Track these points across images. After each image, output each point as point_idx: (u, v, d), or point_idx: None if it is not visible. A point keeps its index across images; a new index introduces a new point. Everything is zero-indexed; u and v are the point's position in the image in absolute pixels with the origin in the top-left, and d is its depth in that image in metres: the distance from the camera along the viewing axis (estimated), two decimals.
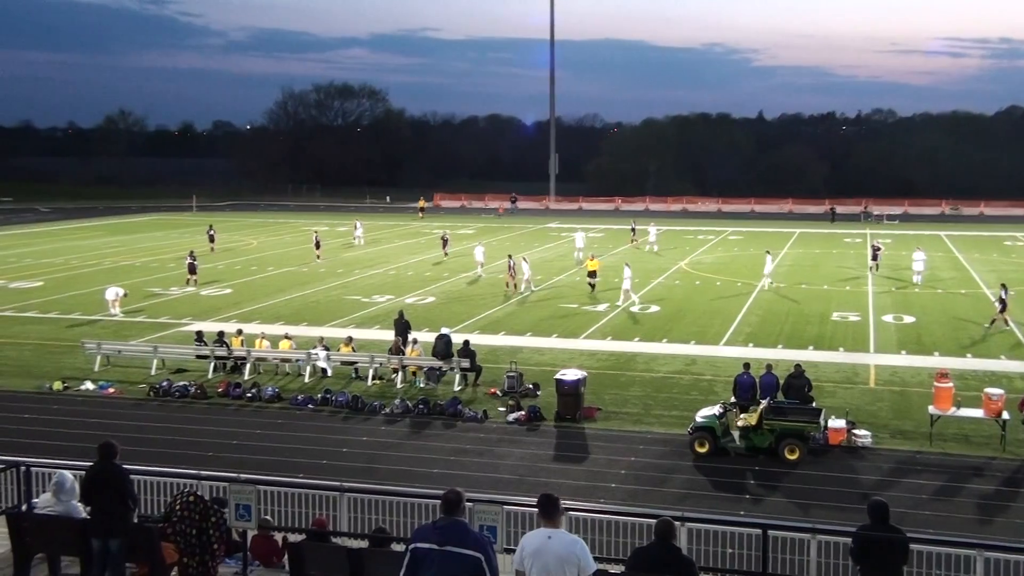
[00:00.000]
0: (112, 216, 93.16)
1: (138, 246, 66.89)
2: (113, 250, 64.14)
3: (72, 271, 54.29)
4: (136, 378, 30.92)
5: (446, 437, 24.92)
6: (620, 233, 76.89)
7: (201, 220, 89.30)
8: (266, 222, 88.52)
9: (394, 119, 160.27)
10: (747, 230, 79.96)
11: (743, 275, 52.70)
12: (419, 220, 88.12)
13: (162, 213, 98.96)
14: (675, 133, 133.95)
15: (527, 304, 43.91)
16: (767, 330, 37.97)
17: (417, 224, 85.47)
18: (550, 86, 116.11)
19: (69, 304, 44.13)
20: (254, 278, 52.34)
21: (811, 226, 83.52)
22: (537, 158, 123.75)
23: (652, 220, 76.61)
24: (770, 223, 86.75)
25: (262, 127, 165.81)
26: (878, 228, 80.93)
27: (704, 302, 44.37)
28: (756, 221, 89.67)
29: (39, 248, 66.08)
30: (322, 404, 27.70)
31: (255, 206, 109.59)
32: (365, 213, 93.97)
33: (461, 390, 29.19)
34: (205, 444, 24.29)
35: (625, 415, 26.53)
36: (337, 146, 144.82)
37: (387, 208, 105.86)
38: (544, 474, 21.97)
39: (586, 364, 31.51)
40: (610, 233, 77.65)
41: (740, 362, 27.55)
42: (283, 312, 42.08)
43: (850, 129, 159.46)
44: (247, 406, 27.86)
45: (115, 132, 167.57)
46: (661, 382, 30.11)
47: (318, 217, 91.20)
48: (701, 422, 23.36)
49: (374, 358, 30.65)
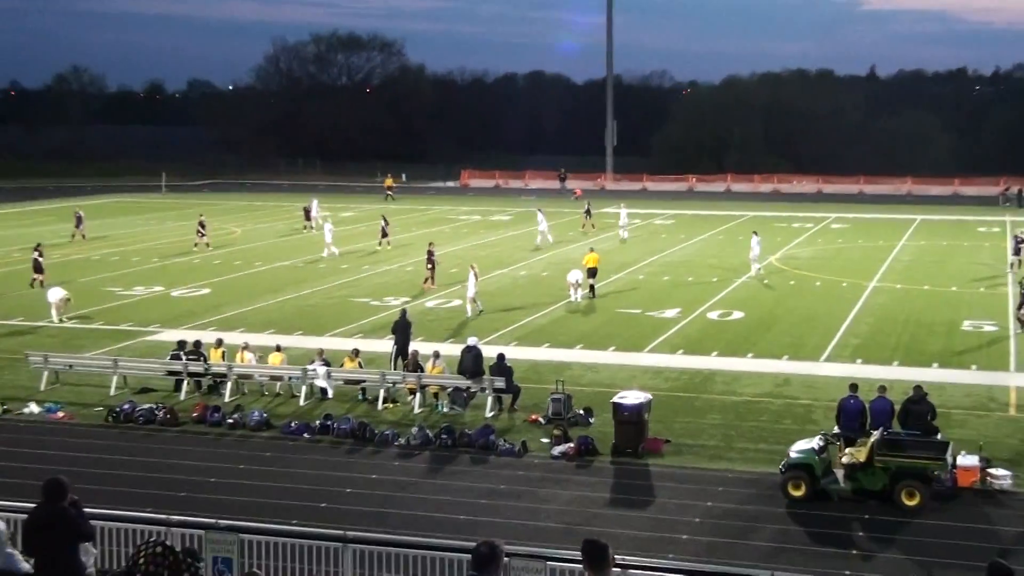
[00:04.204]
0: (63, 198, 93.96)
1: (96, 235, 67.50)
2: (64, 240, 64.78)
3: (12, 266, 54.75)
4: (91, 399, 31.10)
5: (475, 475, 24.90)
6: (697, 220, 76.60)
7: (172, 203, 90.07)
8: (253, 205, 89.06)
9: (412, 78, 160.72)
10: (855, 216, 79.39)
11: (849, 273, 52.34)
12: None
13: (125, 194, 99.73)
14: (764, 95, 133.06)
15: (577, 309, 43.89)
16: (880, 342, 37.65)
17: (440, 208, 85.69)
18: (607, 36, 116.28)
19: (8, 307, 44.55)
20: (238, 275, 52.63)
21: (936, 211, 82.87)
22: (590, 127, 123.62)
23: (622, 201, 75.20)
24: (883, 207, 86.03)
25: (248, 88, 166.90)
26: (1021, 214, 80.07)
27: (800, 307, 44.15)
28: (866, 205, 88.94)
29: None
30: (321, 433, 27.73)
31: (239, 186, 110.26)
32: (366, 195, 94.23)
33: (494, 416, 29.18)
34: (176, 482, 24.38)
35: (700, 449, 26.42)
36: (341, 112, 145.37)
37: (403, 188, 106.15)
38: (598, 522, 21.92)
39: (651, 384, 31.38)
40: (682, 220, 77.44)
41: (845, 383, 27.27)
42: (273, 318, 42.23)
43: (985, 89, 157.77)
44: (228, 435, 27.96)
45: (67, 95, 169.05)
46: (746, 407, 29.97)
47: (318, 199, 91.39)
48: (796, 458, 23.22)
49: (385, 376, 30.68)
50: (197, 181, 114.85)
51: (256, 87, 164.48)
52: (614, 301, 45.51)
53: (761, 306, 44.36)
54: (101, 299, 46.15)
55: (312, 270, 53.91)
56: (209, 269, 54.49)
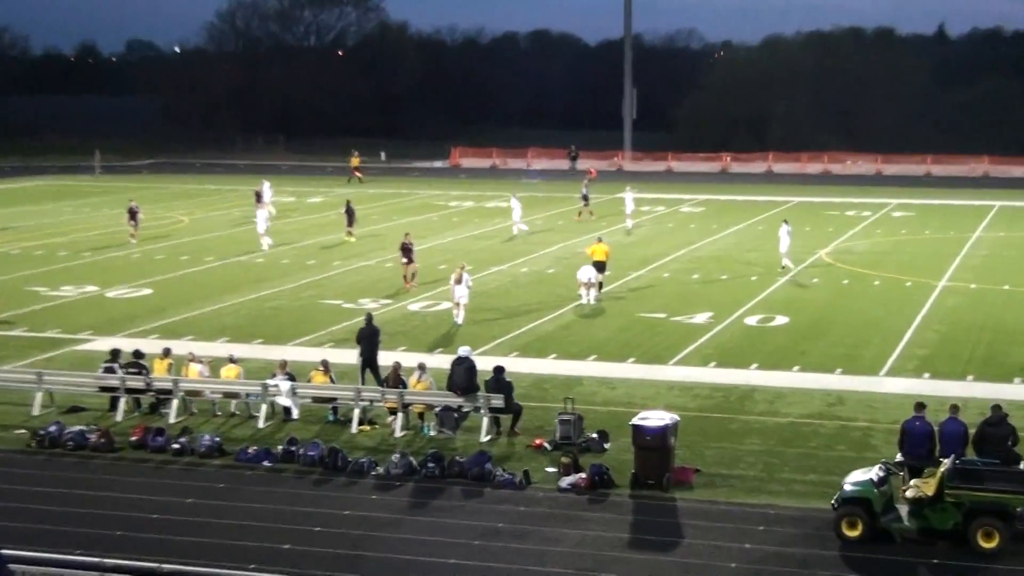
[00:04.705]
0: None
1: (16, 224, 67.42)
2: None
3: None
4: (11, 419, 31.02)
5: (468, 511, 24.82)
6: (732, 208, 76.52)
7: (108, 186, 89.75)
8: (203, 190, 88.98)
9: (393, 38, 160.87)
10: (920, 202, 79.39)
11: (914, 270, 52.30)
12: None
13: (52, 176, 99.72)
14: (812, 58, 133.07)
15: (589, 313, 43.88)
16: (951, 353, 37.59)
17: (426, 193, 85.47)
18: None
19: None
20: (185, 273, 52.62)
21: (1018, 195, 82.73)
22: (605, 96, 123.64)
23: (628, 184, 74.41)
24: (955, 191, 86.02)
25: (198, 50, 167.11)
26: None
27: (856, 311, 44.06)
28: (934, 189, 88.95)
29: None
30: (284, 460, 27.66)
31: (188, 166, 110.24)
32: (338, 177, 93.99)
33: (490, 441, 29.12)
34: (112, 519, 24.24)
35: (737, 480, 26.36)
36: (309, 79, 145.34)
37: (382, 169, 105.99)
38: (616, 567, 21.90)
39: (678, 403, 31.38)
40: (715, 207, 77.31)
41: (910, 402, 27.23)
42: (228, 323, 42.21)
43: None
44: (173, 463, 27.86)
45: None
46: (791, 431, 29.91)
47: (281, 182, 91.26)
48: (852, 492, 23.14)
49: (361, 393, 30.62)
50: (137, 161, 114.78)
51: (207, 49, 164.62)
52: (634, 303, 45.42)
53: (809, 310, 44.29)
54: (22, 301, 46.07)
55: (273, 267, 53.86)
56: (151, 265, 54.37)
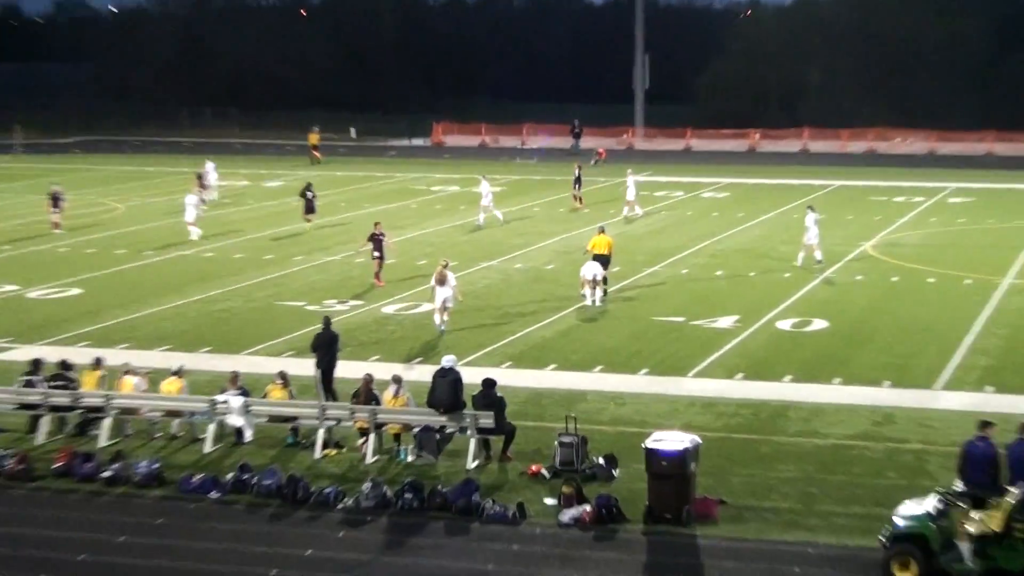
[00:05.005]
0: None
1: None
2: None
3: None
4: None
5: (452, 550, 24.71)
6: (761, 192, 76.54)
7: (30, 168, 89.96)
8: (142, 172, 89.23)
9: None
10: (980, 186, 79.76)
11: (975, 265, 52.37)
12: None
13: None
14: (853, 18, 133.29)
15: (595, 316, 43.84)
16: (1018, 363, 37.63)
17: (404, 176, 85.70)
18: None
19: None
20: (121, 270, 52.76)
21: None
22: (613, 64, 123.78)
23: (629, 166, 74.13)
24: (1020, 174, 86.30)
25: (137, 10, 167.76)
26: None
27: (906, 313, 44.13)
28: (995, 171, 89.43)
29: None
30: (235, 491, 27.58)
31: (124, 144, 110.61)
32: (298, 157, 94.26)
33: (479, 467, 29.04)
34: (30, 560, 24.16)
35: (769, 513, 26.27)
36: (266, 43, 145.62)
37: (352, 148, 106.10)
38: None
39: (699, 422, 31.38)
40: (741, 192, 77.34)
41: (972, 420, 27.19)
42: (170, 329, 42.23)
43: None
44: (104, 493, 27.75)
45: None
46: (832, 455, 29.85)
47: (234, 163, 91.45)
48: (904, 527, 23.08)
49: (326, 411, 30.48)
50: (65, 139, 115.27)
51: (148, 9, 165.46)
52: (647, 305, 45.42)
53: (852, 312, 44.31)
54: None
55: (224, 262, 53.89)
56: (81, 261, 54.48)
